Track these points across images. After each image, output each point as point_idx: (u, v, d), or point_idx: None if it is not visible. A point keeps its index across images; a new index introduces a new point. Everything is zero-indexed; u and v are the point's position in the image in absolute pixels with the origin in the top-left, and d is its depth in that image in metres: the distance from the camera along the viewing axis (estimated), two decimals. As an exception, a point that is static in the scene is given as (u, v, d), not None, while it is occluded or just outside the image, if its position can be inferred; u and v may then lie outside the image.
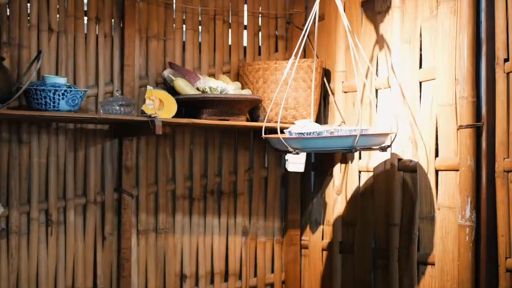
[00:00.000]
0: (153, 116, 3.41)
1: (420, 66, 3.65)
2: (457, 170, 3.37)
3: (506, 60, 3.21)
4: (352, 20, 3.97)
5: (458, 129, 3.36)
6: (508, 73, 3.21)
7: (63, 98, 3.33)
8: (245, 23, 4.35)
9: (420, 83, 3.64)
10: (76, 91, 3.35)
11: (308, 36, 3.72)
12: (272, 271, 4.42)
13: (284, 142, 3.34)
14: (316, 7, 3.56)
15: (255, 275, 4.40)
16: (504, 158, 3.20)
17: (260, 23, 4.37)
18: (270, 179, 4.40)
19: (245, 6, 4.32)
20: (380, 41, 3.87)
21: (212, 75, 4.15)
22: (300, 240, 4.43)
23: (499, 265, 3.25)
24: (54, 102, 3.31)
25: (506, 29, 3.22)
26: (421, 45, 3.66)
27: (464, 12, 3.32)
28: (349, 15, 3.97)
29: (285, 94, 3.60)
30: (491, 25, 3.30)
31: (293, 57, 3.59)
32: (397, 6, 3.72)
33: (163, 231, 4.11)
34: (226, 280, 4.33)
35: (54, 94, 3.29)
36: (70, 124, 3.74)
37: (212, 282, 4.26)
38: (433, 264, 3.48)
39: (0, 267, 3.67)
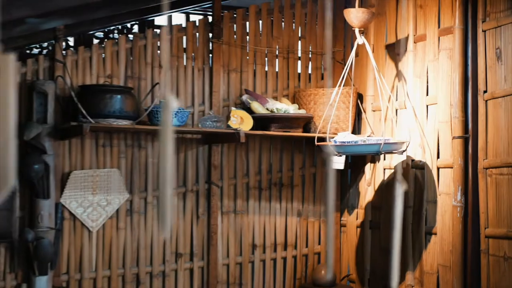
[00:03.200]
0: (238, 129, 4.36)
1: (427, 94, 4.33)
2: (452, 168, 4.09)
3: (485, 91, 3.96)
4: (378, 58, 4.65)
5: (452, 139, 4.09)
6: (486, 101, 3.95)
7: (175, 117, 4.24)
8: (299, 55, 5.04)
9: (427, 106, 4.33)
10: (184, 111, 4.30)
11: (347, 70, 4.44)
12: (319, 243, 5.08)
13: (331, 148, 4.24)
14: (353, 54, 4.39)
15: (306, 246, 5.05)
16: (483, 159, 3.95)
17: (310, 58, 5.07)
18: (318, 175, 5.06)
19: (299, 45, 5.03)
20: (399, 75, 4.52)
21: (275, 97, 4.87)
22: (340, 220, 5.04)
23: (480, 233, 3.97)
24: (169, 120, 4.32)
25: (485, 70, 3.97)
26: (427, 79, 4.32)
27: (457, 58, 4.06)
28: (376, 55, 4.66)
29: (332, 113, 4.43)
30: (475, 67, 4.02)
31: (337, 87, 4.43)
32: (411, 50, 4.43)
33: (240, 212, 4.81)
34: (285, 249, 4.97)
35: (169, 114, 4.32)
36: (174, 134, 4.62)
37: (275, 250, 4.92)
38: (435, 233, 4.20)
39: (125, 237, 4.45)
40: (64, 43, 5.14)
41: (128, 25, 5.35)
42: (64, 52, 4.32)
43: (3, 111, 1.05)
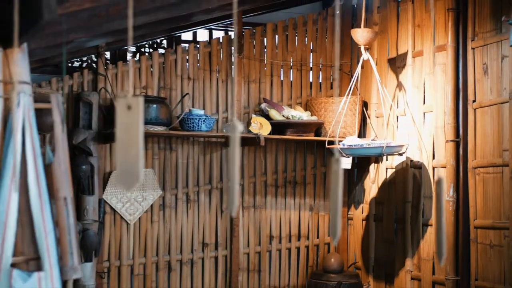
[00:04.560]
0: (258, 134, 4.83)
1: (424, 103, 4.65)
2: (445, 167, 4.43)
3: (474, 101, 4.32)
4: (381, 71, 5.01)
5: (446, 142, 4.42)
6: (475, 109, 4.32)
7: (203, 123, 4.71)
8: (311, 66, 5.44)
9: (424, 113, 4.65)
10: (211, 118, 4.76)
11: (354, 81, 4.86)
12: (329, 235, 5.40)
13: (340, 150, 4.63)
14: (359, 68, 4.84)
15: (318, 237, 5.45)
16: (473, 160, 4.32)
17: (320, 70, 5.48)
18: (328, 174, 5.44)
19: (311, 58, 5.44)
20: (399, 85, 4.87)
21: (289, 105, 5.28)
22: (348, 214, 5.41)
23: (470, 224, 4.32)
24: (198, 126, 4.70)
25: (474, 82, 4.33)
26: (424, 89, 4.65)
27: (449, 71, 4.42)
28: (379, 68, 5.03)
29: (341, 119, 4.88)
30: (465, 80, 4.38)
31: (345, 96, 4.87)
32: (410, 64, 4.79)
33: (259, 207, 5.22)
34: (299, 240, 5.38)
35: (198, 120, 4.70)
36: (201, 138, 4.94)
37: (290, 240, 5.33)
38: (431, 225, 4.53)
39: (159, 229, 4.89)
40: (101, 57, 5.67)
41: (158, 40, 5.82)
42: (105, 66, 4.83)
43: (136, 135, 1.65)
